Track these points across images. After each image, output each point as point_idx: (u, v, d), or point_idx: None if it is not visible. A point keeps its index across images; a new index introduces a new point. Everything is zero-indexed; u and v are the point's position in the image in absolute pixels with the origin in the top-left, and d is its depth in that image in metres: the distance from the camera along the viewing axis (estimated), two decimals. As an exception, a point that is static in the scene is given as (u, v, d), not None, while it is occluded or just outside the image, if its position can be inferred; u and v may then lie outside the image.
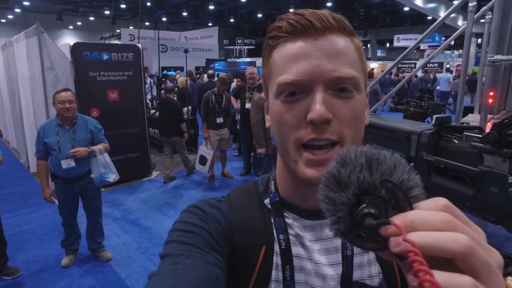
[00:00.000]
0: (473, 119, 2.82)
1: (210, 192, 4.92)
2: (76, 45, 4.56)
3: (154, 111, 7.31)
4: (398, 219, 0.27)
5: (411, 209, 0.28)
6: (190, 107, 6.96)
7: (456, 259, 0.25)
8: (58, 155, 2.79)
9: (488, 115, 2.63)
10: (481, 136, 1.42)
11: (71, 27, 24.96)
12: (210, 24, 24.89)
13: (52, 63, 4.31)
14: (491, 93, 2.48)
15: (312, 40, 0.46)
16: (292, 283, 0.52)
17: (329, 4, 20.49)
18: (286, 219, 0.56)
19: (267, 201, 0.59)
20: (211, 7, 20.81)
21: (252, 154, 5.51)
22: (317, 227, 0.54)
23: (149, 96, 7.69)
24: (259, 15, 24.45)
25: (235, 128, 6.42)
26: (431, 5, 15.66)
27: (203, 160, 4.98)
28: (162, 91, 5.63)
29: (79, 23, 25.24)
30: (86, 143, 2.90)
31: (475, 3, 2.19)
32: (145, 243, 3.52)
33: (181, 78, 7.55)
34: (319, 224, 0.54)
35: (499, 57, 2.04)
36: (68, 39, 23.00)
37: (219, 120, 4.96)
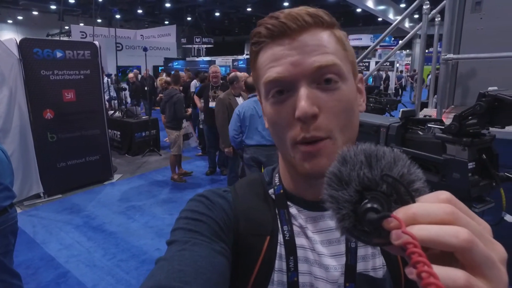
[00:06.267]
0: (426, 113, 3.06)
1: (176, 193, 4.82)
2: (24, 41, 4.22)
3: (112, 111, 6.99)
4: (401, 212, 0.27)
5: (414, 202, 0.28)
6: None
7: (456, 253, 0.25)
8: None
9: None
10: (443, 127, 1.55)
11: (10, 21, 22.90)
12: (166, 22, 24.23)
13: (-5, 60, 3.95)
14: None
15: (290, 41, 0.47)
16: (295, 274, 0.53)
17: (286, 4, 20.89)
18: (291, 210, 0.57)
19: (271, 191, 0.60)
20: (168, 4, 20.27)
21: (217, 153, 5.48)
22: (319, 218, 0.55)
23: (106, 96, 7.33)
24: (217, 14, 24.28)
25: (198, 127, 6.34)
26: (381, 7, 16.61)
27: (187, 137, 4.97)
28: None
29: (20, 18, 23.23)
30: None
31: (428, 6, 2.39)
32: (111, 249, 3.36)
33: (161, 78, 7.46)
34: (321, 215, 0.56)
35: (451, 55, 2.23)
36: (8, 34, 21.04)
37: None
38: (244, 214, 0.56)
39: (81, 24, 18.79)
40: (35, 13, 22.80)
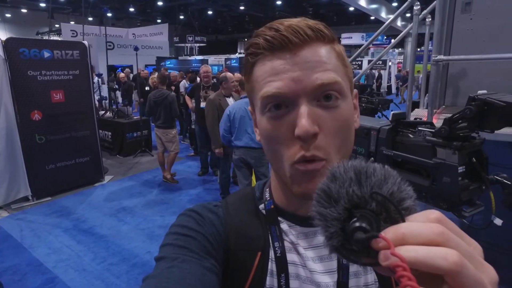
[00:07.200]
0: (418, 114, 3.06)
1: (168, 194, 4.78)
2: (9, 40, 4.12)
3: (103, 112, 6.91)
4: (390, 232, 0.26)
5: (403, 221, 0.28)
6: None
7: (446, 276, 0.24)
8: None
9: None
10: (433, 130, 1.54)
11: (-2, 19, 22.54)
12: (159, 20, 24.04)
13: (-21, 60, 3.85)
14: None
15: (291, 56, 0.46)
16: None
17: (278, 3, 20.86)
18: (282, 226, 0.56)
19: (261, 206, 0.59)
20: (160, 3, 20.10)
21: (209, 153, 5.43)
22: (310, 234, 0.54)
23: (97, 96, 7.25)
24: (210, 12, 24.16)
25: (190, 128, 6.30)
26: (373, 6, 16.68)
27: None
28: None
29: (8, 15, 22.82)
30: None
31: (419, 6, 2.39)
32: (101, 252, 3.31)
33: (152, 77, 7.48)
34: (313, 231, 0.54)
35: (441, 57, 2.23)
36: (-4, 33, 20.73)
37: None
38: (235, 230, 0.56)
39: (72, 23, 18.54)
40: (24, 10, 22.41)
